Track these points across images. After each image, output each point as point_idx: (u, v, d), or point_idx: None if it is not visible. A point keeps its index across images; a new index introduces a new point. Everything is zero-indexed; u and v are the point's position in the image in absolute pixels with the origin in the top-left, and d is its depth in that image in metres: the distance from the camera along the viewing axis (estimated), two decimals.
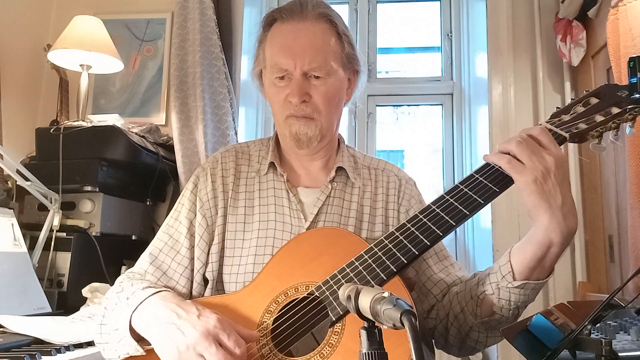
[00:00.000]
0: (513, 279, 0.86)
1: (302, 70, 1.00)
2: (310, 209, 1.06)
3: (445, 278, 1.04)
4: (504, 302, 0.88)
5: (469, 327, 0.95)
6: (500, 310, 0.89)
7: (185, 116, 2.17)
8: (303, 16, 1.02)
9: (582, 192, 2.10)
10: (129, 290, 0.93)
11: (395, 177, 1.14)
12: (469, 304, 0.94)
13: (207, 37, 2.21)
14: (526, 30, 2.26)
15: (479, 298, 0.91)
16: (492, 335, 0.95)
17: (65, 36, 1.98)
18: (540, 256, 0.84)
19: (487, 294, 0.90)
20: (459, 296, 0.97)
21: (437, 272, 1.05)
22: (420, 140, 2.73)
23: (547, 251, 0.83)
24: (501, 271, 0.88)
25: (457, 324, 0.97)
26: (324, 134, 1.05)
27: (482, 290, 0.91)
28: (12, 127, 2.11)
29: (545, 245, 0.83)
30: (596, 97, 0.95)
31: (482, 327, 0.93)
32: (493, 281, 0.89)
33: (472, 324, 0.94)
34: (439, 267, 1.06)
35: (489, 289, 0.90)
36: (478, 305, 0.92)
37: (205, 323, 0.82)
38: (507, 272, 0.87)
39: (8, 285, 1.46)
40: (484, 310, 0.91)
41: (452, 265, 1.07)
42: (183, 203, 1.08)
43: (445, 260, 1.07)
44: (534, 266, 0.85)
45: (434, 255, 1.07)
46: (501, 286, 0.87)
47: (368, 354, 0.56)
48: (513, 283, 0.86)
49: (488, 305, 0.91)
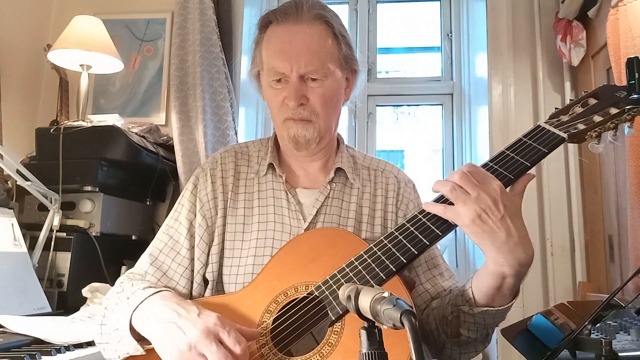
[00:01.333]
0: (475, 305, 0.88)
1: (298, 73, 0.99)
2: (309, 209, 1.05)
3: (430, 289, 1.05)
4: (470, 324, 0.90)
5: (442, 343, 0.97)
6: (467, 332, 0.91)
7: (185, 116, 2.17)
8: (298, 18, 1.01)
9: (582, 192, 2.10)
10: (129, 290, 0.93)
11: (395, 178, 1.14)
12: (441, 322, 0.96)
13: (207, 37, 2.21)
14: (526, 30, 2.26)
15: (447, 319, 0.94)
16: (465, 352, 0.97)
17: (65, 36, 1.98)
18: (496, 286, 0.85)
19: (454, 316, 0.93)
20: (434, 312, 0.99)
21: (423, 282, 1.06)
22: (420, 140, 2.73)
23: (503, 281, 0.84)
24: (464, 296, 0.90)
25: (433, 339, 0.99)
26: (323, 135, 1.05)
27: (450, 312, 0.93)
28: (12, 127, 2.11)
29: (499, 276, 0.83)
30: (595, 97, 0.95)
31: (455, 345, 0.96)
32: (459, 304, 0.91)
33: (444, 340, 0.96)
34: (426, 277, 1.06)
35: (456, 310, 0.92)
36: (447, 325, 0.94)
37: (206, 321, 0.82)
38: (469, 298, 0.89)
39: (8, 285, 1.46)
40: (452, 330, 0.94)
41: (441, 275, 1.07)
42: (183, 204, 1.08)
43: (435, 269, 1.07)
44: (492, 294, 0.86)
45: (423, 263, 1.07)
46: (463, 311, 0.90)
47: (368, 354, 0.56)
48: (474, 309, 0.88)
49: (455, 326, 0.93)
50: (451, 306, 0.93)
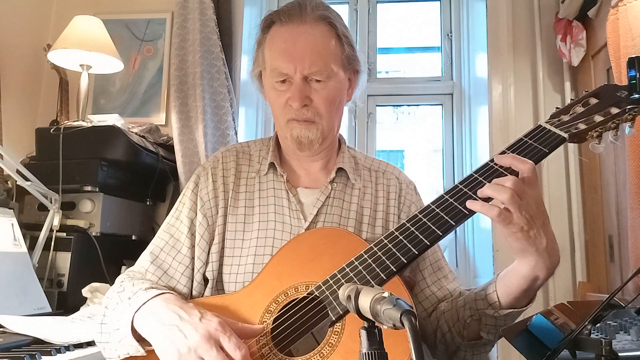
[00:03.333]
0: (500, 308, 0.89)
1: (302, 74, 0.99)
2: (309, 209, 1.06)
3: (437, 292, 1.05)
4: (490, 328, 0.92)
5: (456, 346, 0.98)
6: (487, 335, 0.93)
7: (185, 116, 2.17)
8: (302, 19, 1.01)
9: (582, 192, 2.10)
10: (131, 290, 0.92)
11: (396, 180, 1.14)
12: (455, 325, 0.96)
13: (207, 37, 2.21)
14: (526, 30, 2.26)
15: (466, 322, 0.94)
16: (477, 353, 0.98)
17: (65, 36, 1.98)
18: (525, 288, 0.87)
19: (473, 319, 0.93)
20: (446, 315, 0.99)
21: (429, 285, 1.06)
22: (420, 140, 2.73)
23: (533, 284, 0.86)
24: (488, 300, 0.91)
25: (445, 342, 0.99)
26: (326, 136, 1.05)
27: (469, 315, 0.93)
28: (12, 127, 2.11)
29: (531, 279, 0.86)
30: (595, 97, 0.95)
31: (469, 347, 0.96)
32: (480, 308, 0.91)
33: (459, 344, 0.97)
34: (432, 279, 1.07)
35: (476, 314, 0.92)
36: (465, 328, 0.95)
37: (207, 326, 0.82)
38: (494, 302, 0.90)
39: (8, 285, 1.46)
40: (470, 333, 0.95)
41: (446, 277, 1.08)
42: (184, 202, 1.08)
43: (440, 271, 1.08)
44: (519, 296, 0.88)
45: (429, 266, 1.07)
46: (487, 314, 0.90)
47: (368, 354, 0.56)
48: (500, 312, 0.89)
49: (474, 329, 0.94)
50: (470, 310, 0.93)
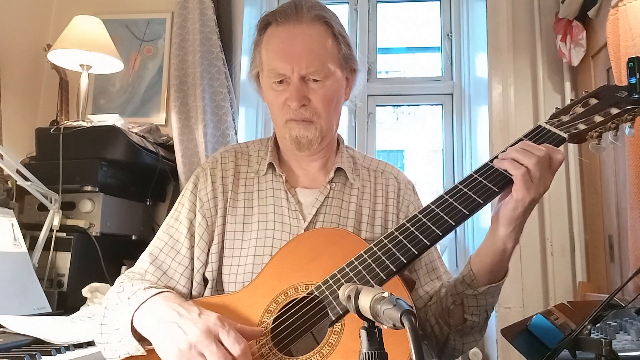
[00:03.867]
0: (478, 286, 0.92)
1: (299, 74, 0.99)
2: (308, 209, 1.06)
3: (430, 291, 1.06)
4: (473, 309, 0.94)
5: (445, 336, 0.99)
6: (471, 317, 0.95)
7: (185, 116, 2.17)
8: (298, 19, 1.01)
9: (582, 192, 2.10)
10: (130, 290, 0.93)
11: (395, 179, 1.14)
12: (441, 315, 0.98)
13: (207, 37, 2.21)
14: (526, 30, 2.26)
15: (449, 309, 0.97)
16: (467, 342, 1.00)
17: (65, 36, 1.98)
18: (498, 260, 0.91)
19: (456, 305, 0.96)
20: (432, 308, 1.01)
21: (423, 285, 1.07)
22: (420, 140, 2.73)
23: (503, 255, 0.90)
24: (465, 280, 0.93)
25: (434, 335, 1.01)
26: (324, 135, 1.05)
27: (451, 302, 0.96)
28: (12, 127, 2.11)
29: (502, 251, 0.90)
30: (595, 97, 0.95)
31: (457, 335, 0.98)
32: (459, 291, 0.94)
33: (447, 333, 0.99)
34: (426, 280, 1.08)
35: (457, 299, 0.95)
36: (450, 315, 0.97)
37: (206, 321, 0.82)
38: (472, 280, 0.92)
39: (8, 285, 1.46)
40: (455, 319, 0.97)
41: (439, 278, 1.09)
42: (183, 203, 1.08)
43: (434, 272, 1.09)
44: (493, 269, 0.91)
45: (424, 266, 1.08)
46: (467, 294, 0.93)
47: (368, 354, 0.56)
48: (478, 290, 0.92)
49: (458, 314, 0.96)
50: (451, 296, 0.95)
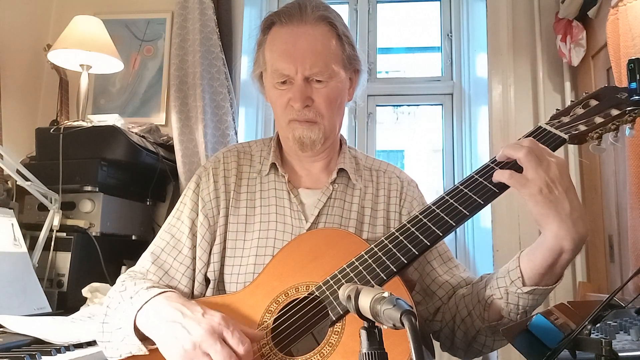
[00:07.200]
0: (522, 285, 0.86)
1: (303, 75, 0.99)
2: (311, 210, 1.06)
3: (450, 280, 1.04)
4: (512, 307, 0.88)
5: (476, 330, 0.95)
6: (509, 315, 0.89)
7: (185, 116, 2.17)
8: (302, 20, 1.01)
9: (582, 192, 2.10)
10: (132, 289, 0.93)
11: (397, 178, 1.14)
12: (476, 307, 0.93)
13: (207, 37, 2.21)
14: (526, 30, 2.26)
15: (487, 302, 0.91)
16: (498, 339, 0.95)
17: (65, 36, 1.98)
18: (550, 263, 0.83)
19: (495, 298, 0.90)
20: (465, 299, 0.97)
21: (441, 274, 1.05)
22: (420, 140, 2.73)
23: (558, 258, 0.83)
24: (510, 276, 0.87)
25: (464, 327, 0.97)
26: (327, 136, 1.05)
27: (490, 295, 0.90)
28: (12, 127, 2.11)
29: (556, 252, 0.82)
30: (596, 98, 0.95)
31: (489, 331, 0.93)
32: (501, 285, 0.89)
33: (479, 327, 0.94)
34: (443, 269, 1.06)
35: (497, 293, 0.89)
36: (485, 309, 0.92)
37: (210, 321, 0.82)
38: (517, 278, 0.86)
39: (8, 285, 1.46)
40: (491, 314, 0.91)
41: (457, 267, 1.07)
42: (185, 203, 1.08)
43: (450, 262, 1.08)
44: (543, 272, 0.84)
45: (438, 257, 1.07)
46: (510, 291, 0.87)
47: (368, 354, 0.56)
48: (522, 289, 0.86)
49: (496, 310, 0.90)
50: (492, 289, 0.90)
